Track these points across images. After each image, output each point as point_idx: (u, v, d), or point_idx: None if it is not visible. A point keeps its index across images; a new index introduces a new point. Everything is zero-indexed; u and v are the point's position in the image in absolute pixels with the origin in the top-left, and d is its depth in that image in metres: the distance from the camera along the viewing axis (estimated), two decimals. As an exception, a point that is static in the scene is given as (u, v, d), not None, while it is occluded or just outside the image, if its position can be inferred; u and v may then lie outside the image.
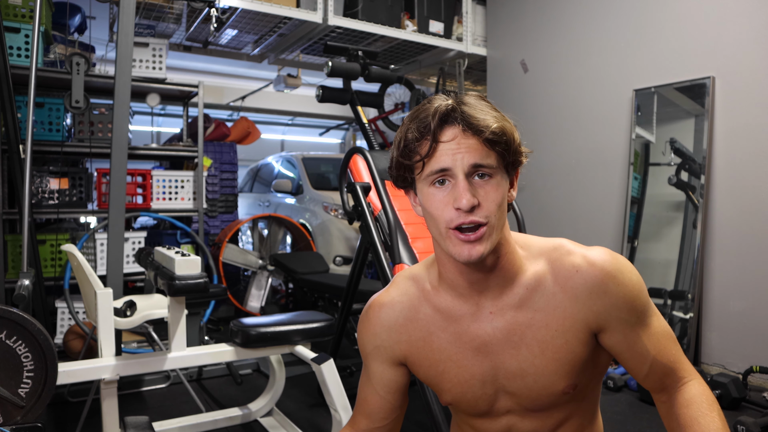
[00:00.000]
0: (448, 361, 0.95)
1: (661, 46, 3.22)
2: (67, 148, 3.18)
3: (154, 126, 7.04)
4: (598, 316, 0.89)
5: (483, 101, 0.86)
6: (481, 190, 0.83)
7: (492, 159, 0.83)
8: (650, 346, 0.90)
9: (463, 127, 0.82)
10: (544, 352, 0.90)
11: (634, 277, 0.90)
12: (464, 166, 0.82)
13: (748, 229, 2.82)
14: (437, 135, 0.83)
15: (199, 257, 1.88)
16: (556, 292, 0.89)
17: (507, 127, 0.84)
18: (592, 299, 0.88)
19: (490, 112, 0.84)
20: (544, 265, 0.91)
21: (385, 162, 2.43)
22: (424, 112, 0.85)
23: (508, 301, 0.91)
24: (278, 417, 2.33)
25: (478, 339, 0.92)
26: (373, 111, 6.37)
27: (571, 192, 3.73)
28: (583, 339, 0.90)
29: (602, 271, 0.87)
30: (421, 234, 2.28)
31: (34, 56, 2.26)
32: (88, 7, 3.22)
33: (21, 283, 2.07)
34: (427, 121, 0.83)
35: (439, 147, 0.83)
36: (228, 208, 4.74)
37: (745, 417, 2.20)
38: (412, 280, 1.00)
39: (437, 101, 0.85)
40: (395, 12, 4.09)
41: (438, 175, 0.84)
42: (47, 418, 2.38)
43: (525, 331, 0.90)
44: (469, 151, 0.82)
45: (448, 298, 0.94)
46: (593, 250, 0.90)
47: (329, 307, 3.78)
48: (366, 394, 1.04)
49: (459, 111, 0.83)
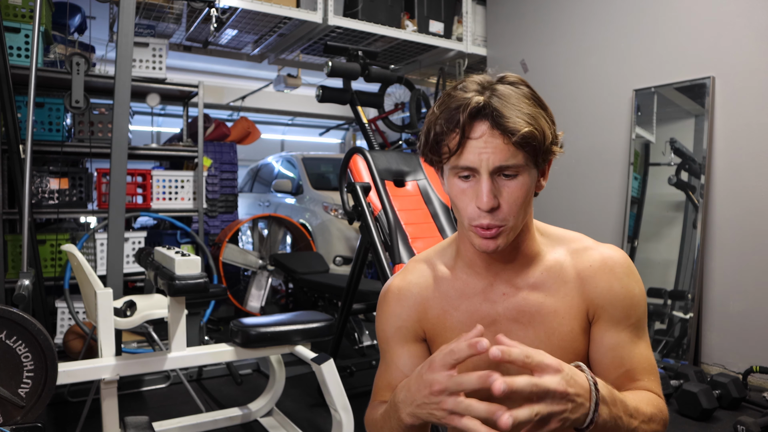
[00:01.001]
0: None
1: (661, 46, 3.22)
2: (67, 148, 3.18)
3: (154, 126, 7.04)
4: (595, 307, 0.90)
5: (520, 88, 0.83)
6: (506, 189, 0.83)
7: (519, 159, 0.81)
8: (627, 359, 0.89)
9: (491, 124, 0.80)
10: (551, 338, 0.90)
11: (638, 287, 0.91)
12: (489, 166, 0.81)
13: (748, 229, 2.82)
14: (466, 131, 0.81)
15: (199, 257, 1.88)
16: (569, 281, 0.91)
17: (537, 130, 0.81)
18: (596, 290, 0.90)
19: (524, 109, 0.81)
20: (564, 254, 0.93)
21: (385, 162, 2.43)
22: (455, 102, 0.82)
23: (522, 284, 0.92)
24: (278, 417, 2.33)
25: (488, 318, 0.93)
26: (373, 111, 6.36)
27: (571, 192, 3.73)
28: (584, 327, 0.91)
29: (612, 268, 0.90)
30: (421, 234, 2.28)
31: (34, 56, 2.26)
32: (88, 7, 3.22)
33: (21, 283, 2.07)
34: (456, 116, 0.81)
35: (467, 143, 0.81)
36: (228, 208, 4.74)
37: (745, 417, 2.20)
38: (425, 262, 1.01)
39: (469, 91, 0.82)
40: (395, 12, 4.09)
41: (462, 170, 0.84)
42: (47, 418, 2.38)
43: (534, 315, 0.91)
44: (495, 152, 0.80)
45: (463, 277, 0.96)
46: (610, 247, 0.93)
47: (329, 307, 3.78)
48: (389, 379, 0.99)
49: (490, 108, 0.80)
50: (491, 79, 0.85)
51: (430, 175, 2.52)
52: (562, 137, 0.88)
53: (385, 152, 2.51)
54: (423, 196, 2.44)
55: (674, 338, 3.03)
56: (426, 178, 2.50)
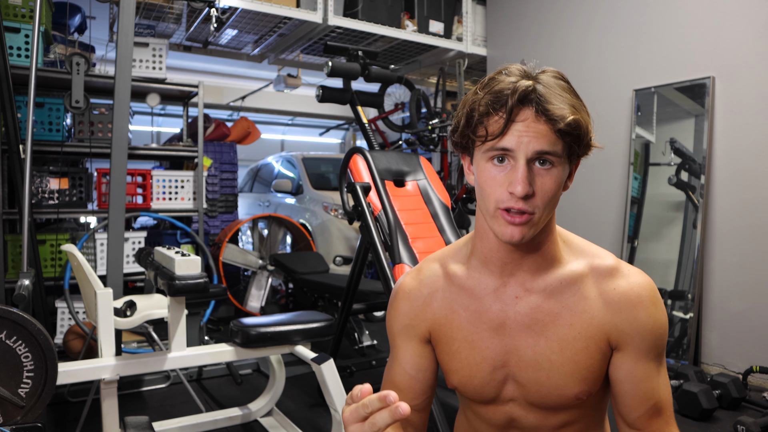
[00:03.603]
0: (464, 341, 0.93)
1: (661, 46, 3.22)
2: (67, 148, 3.18)
3: (154, 126, 7.04)
4: (620, 334, 0.87)
5: (561, 81, 0.83)
6: (540, 179, 0.80)
7: (559, 147, 0.80)
8: (655, 391, 0.88)
9: (536, 110, 0.78)
10: (563, 350, 0.88)
11: (664, 316, 0.88)
12: (528, 152, 0.79)
13: (748, 229, 2.82)
14: (512, 114, 0.79)
15: (199, 257, 1.88)
16: (589, 297, 0.88)
17: (583, 120, 0.81)
18: (621, 316, 0.87)
19: (568, 99, 0.80)
20: (584, 267, 0.90)
21: (385, 162, 2.43)
22: (501, 84, 0.80)
23: (537, 289, 0.89)
24: (278, 417, 2.33)
25: (497, 320, 0.91)
26: (373, 111, 6.36)
27: (571, 192, 3.72)
28: (604, 350, 0.88)
29: (639, 296, 0.86)
30: (421, 234, 2.28)
31: (34, 56, 2.26)
32: (88, 7, 3.22)
33: (21, 283, 2.07)
34: (503, 98, 0.79)
35: (511, 126, 0.79)
36: (228, 208, 4.74)
37: (745, 417, 2.20)
38: (437, 261, 1.00)
39: (514, 75, 0.81)
40: (395, 12, 4.09)
41: (499, 152, 0.81)
42: (47, 418, 2.38)
43: (548, 324, 0.88)
44: (537, 137, 0.78)
45: (475, 275, 0.93)
46: (637, 272, 0.89)
47: (329, 307, 3.78)
48: (394, 376, 1.00)
49: (537, 94, 0.79)
50: (533, 69, 0.84)
51: (430, 175, 2.52)
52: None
53: (385, 152, 2.50)
54: (423, 196, 2.44)
55: (674, 338, 3.03)
56: (426, 178, 2.50)
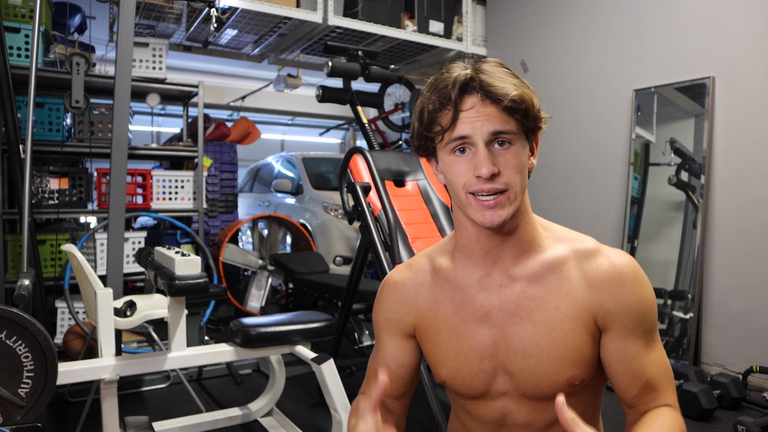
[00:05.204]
0: (450, 332, 0.94)
1: (661, 46, 3.22)
2: (67, 148, 3.18)
3: (154, 126, 7.04)
4: (606, 314, 0.88)
5: (501, 67, 0.87)
6: (501, 158, 0.84)
7: (512, 125, 0.84)
8: (647, 368, 0.89)
9: (482, 95, 0.83)
10: (551, 334, 0.88)
11: (649, 292, 0.90)
12: (484, 134, 0.83)
13: (748, 229, 2.82)
14: (458, 104, 0.83)
15: (199, 257, 1.88)
16: (572, 279, 0.89)
17: (526, 94, 0.84)
18: (606, 296, 0.88)
19: (509, 80, 0.84)
20: (566, 251, 0.91)
21: (385, 162, 2.43)
22: (444, 81, 0.85)
23: (520, 274, 0.90)
24: (278, 417, 2.33)
25: (482, 309, 0.92)
26: (373, 111, 6.36)
27: (571, 192, 3.73)
28: (592, 331, 0.89)
29: (622, 274, 0.88)
30: (421, 234, 2.28)
31: (34, 56, 2.26)
32: (88, 7, 3.22)
33: (21, 283, 2.07)
34: (447, 92, 0.84)
35: (460, 116, 0.83)
36: (228, 208, 4.74)
37: (745, 417, 2.20)
38: (426, 256, 1.02)
39: (456, 70, 0.86)
40: (395, 12, 4.09)
41: (458, 143, 0.84)
42: (47, 418, 2.38)
43: (533, 309, 0.89)
44: (488, 118, 0.82)
45: (459, 267, 0.95)
46: (618, 252, 0.91)
47: (329, 307, 3.78)
48: (376, 367, 1.04)
49: (478, 80, 0.83)
50: (474, 62, 0.88)
51: (430, 175, 2.52)
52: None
53: (385, 152, 2.50)
54: (423, 196, 2.44)
55: (674, 338, 3.03)
56: (426, 178, 2.50)
